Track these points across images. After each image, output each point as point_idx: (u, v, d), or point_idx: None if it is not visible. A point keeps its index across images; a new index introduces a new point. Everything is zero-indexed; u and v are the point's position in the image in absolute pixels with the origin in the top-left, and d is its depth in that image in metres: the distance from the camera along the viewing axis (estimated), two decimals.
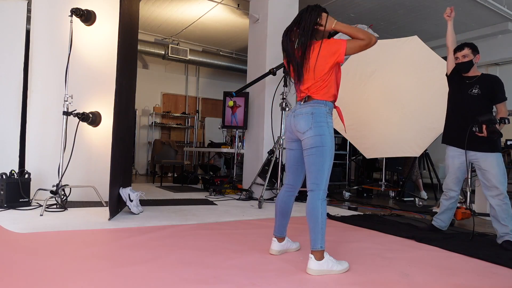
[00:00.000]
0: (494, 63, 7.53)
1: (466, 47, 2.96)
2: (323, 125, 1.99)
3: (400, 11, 6.58)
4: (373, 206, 4.69)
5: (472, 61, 2.93)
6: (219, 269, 1.90)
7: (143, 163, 9.15)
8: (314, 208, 1.95)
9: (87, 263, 1.91)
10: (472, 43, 2.99)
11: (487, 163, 2.78)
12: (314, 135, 1.98)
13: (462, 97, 2.98)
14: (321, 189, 1.98)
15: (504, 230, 2.69)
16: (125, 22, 3.20)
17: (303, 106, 2.07)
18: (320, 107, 2.02)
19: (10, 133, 4.11)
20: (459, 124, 2.94)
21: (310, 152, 2.00)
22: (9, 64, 4.14)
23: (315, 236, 1.93)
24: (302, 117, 2.04)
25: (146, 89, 9.05)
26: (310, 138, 1.99)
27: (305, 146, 2.03)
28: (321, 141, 1.98)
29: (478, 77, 2.96)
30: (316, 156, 1.98)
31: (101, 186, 3.83)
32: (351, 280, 1.84)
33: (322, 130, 1.99)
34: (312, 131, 1.99)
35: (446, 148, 3.08)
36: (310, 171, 2.01)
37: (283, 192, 2.25)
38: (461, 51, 2.97)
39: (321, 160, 1.98)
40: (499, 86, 2.89)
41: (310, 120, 2.00)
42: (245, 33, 7.48)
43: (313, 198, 1.97)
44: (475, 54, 2.95)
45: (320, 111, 2.01)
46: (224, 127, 5.69)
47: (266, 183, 4.44)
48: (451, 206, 3.08)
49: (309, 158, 2.01)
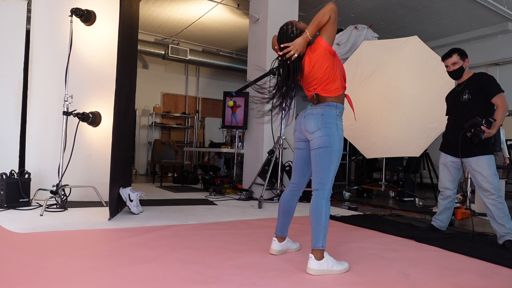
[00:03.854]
0: (494, 63, 7.53)
1: (454, 53, 2.94)
2: (332, 126, 2.01)
3: (400, 11, 6.58)
4: (373, 206, 4.69)
5: (462, 66, 2.93)
6: (219, 269, 1.90)
7: (143, 163, 9.15)
8: (319, 206, 1.96)
9: (87, 263, 1.91)
10: (459, 48, 2.98)
11: (477, 165, 2.79)
12: (323, 135, 2.00)
13: (455, 106, 3.00)
14: (326, 188, 2.00)
15: (503, 229, 2.69)
16: (125, 22, 3.20)
17: (314, 108, 2.09)
18: (330, 109, 2.04)
19: (10, 133, 4.11)
20: (453, 132, 2.95)
21: (317, 152, 2.02)
22: (9, 64, 4.13)
23: (317, 235, 1.93)
24: (312, 118, 2.06)
25: (146, 89, 9.05)
26: (319, 139, 2.01)
27: (313, 146, 2.05)
28: (329, 141, 1.99)
29: (466, 81, 2.94)
30: (323, 156, 2.00)
31: (101, 186, 3.83)
32: (351, 280, 1.84)
33: (330, 131, 2.01)
34: (321, 131, 2.01)
35: (440, 153, 3.12)
36: (316, 171, 2.03)
37: (288, 191, 2.27)
38: (449, 58, 2.95)
39: (328, 160, 2.00)
40: (486, 81, 2.84)
41: (320, 121, 2.02)
42: (245, 33, 7.48)
43: (318, 197, 1.99)
44: (464, 59, 2.94)
45: (330, 113, 2.03)
46: (224, 127, 5.69)
47: (266, 183, 4.44)
48: (448, 206, 3.09)
49: (316, 157, 2.03)
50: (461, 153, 2.83)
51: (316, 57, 2.04)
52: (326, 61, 2.03)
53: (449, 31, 7.43)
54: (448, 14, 6.66)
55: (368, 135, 5.09)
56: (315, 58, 2.04)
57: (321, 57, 2.03)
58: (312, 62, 2.05)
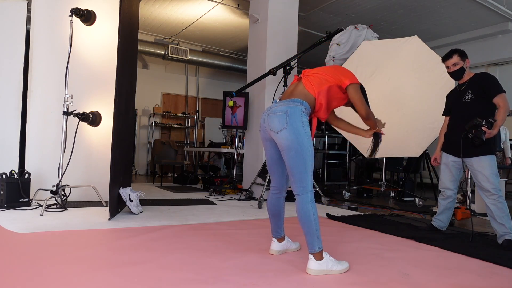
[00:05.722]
0: (494, 63, 7.53)
1: (454, 54, 2.93)
2: (297, 124, 1.91)
3: (400, 11, 6.58)
4: (373, 206, 4.68)
5: (463, 67, 2.93)
6: (219, 269, 1.90)
7: (143, 163, 9.15)
8: (306, 212, 1.90)
9: (87, 263, 1.91)
10: (459, 49, 2.97)
11: (479, 165, 2.79)
12: (289, 135, 1.90)
13: (458, 106, 3.00)
14: (308, 190, 1.92)
15: (502, 229, 2.69)
16: (125, 22, 3.20)
17: (278, 105, 2.00)
18: (295, 105, 1.96)
19: (10, 133, 4.11)
20: (455, 132, 2.95)
21: (289, 156, 1.91)
22: (9, 64, 4.14)
23: (311, 240, 1.90)
24: (276, 116, 1.96)
25: (146, 89, 9.06)
26: (285, 139, 1.91)
27: (281, 147, 1.95)
28: (297, 141, 1.89)
29: (468, 81, 2.94)
30: (297, 159, 1.90)
31: (101, 186, 3.83)
32: (351, 280, 1.84)
33: (297, 129, 1.90)
34: (286, 130, 1.91)
35: (442, 153, 3.11)
36: (293, 175, 1.93)
37: (271, 195, 2.21)
38: (450, 59, 2.95)
39: (302, 162, 1.90)
40: (488, 81, 2.83)
41: (284, 118, 1.92)
42: (245, 33, 7.49)
43: (303, 202, 1.91)
44: (464, 59, 2.93)
45: (295, 110, 1.94)
46: (224, 127, 5.69)
47: (266, 183, 4.44)
48: (449, 206, 3.09)
49: (289, 161, 1.92)
50: (462, 154, 2.84)
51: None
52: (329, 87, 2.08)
53: (449, 31, 7.43)
54: (448, 14, 6.66)
55: None
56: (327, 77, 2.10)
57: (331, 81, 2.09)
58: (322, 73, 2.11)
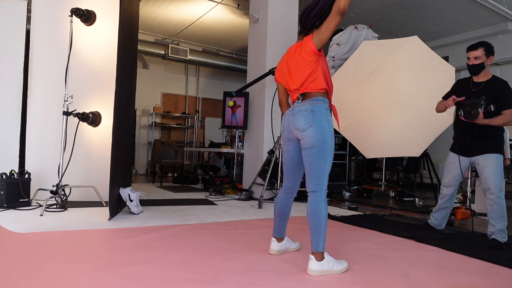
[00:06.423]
0: (494, 63, 7.52)
1: (480, 47, 2.73)
2: (323, 122, 1.94)
3: (400, 11, 6.58)
4: (373, 206, 4.68)
5: (484, 63, 2.75)
6: (219, 269, 1.90)
7: (143, 163, 9.15)
8: (318, 210, 1.91)
9: (87, 263, 1.91)
10: (488, 43, 2.76)
11: (485, 162, 2.78)
12: (315, 133, 1.92)
13: None
14: (323, 189, 1.94)
15: (491, 228, 2.76)
16: (125, 22, 3.20)
17: (302, 104, 2.01)
18: (319, 104, 1.97)
19: (10, 133, 4.11)
20: (464, 132, 2.90)
21: (310, 152, 1.94)
22: (9, 64, 4.13)
23: (317, 239, 1.90)
24: (301, 115, 1.98)
25: (146, 89, 9.05)
26: (311, 137, 1.93)
27: (304, 145, 1.97)
28: (322, 139, 1.92)
29: (484, 84, 2.77)
30: (318, 157, 1.93)
31: (101, 186, 3.83)
32: (351, 280, 1.84)
33: (323, 128, 1.93)
34: (312, 128, 1.93)
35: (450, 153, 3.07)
36: (311, 172, 1.96)
37: (282, 194, 2.22)
38: (474, 51, 2.76)
39: (322, 160, 1.93)
40: (504, 95, 2.69)
41: (311, 117, 1.95)
42: (245, 33, 7.48)
43: (316, 200, 1.93)
44: (488, 55, 2.74)
45: (320, 108, 1.96)
46: (224, 127, 5.69)
47: (266, 183, 4.44)
48: (444, 206, 3.09)
49: (309, 158, 1.95)
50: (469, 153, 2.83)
51: (302, 56, 2.01)
52: (311, 60, 1.98)
53: (449, 31, 7.43)
54: (448, 14, 6.66)
55: (368, 135, 5.08)
56: (301, 56, 2.01)
57: (307, 56, 1.99)
58: (297, 59, 2.03)
